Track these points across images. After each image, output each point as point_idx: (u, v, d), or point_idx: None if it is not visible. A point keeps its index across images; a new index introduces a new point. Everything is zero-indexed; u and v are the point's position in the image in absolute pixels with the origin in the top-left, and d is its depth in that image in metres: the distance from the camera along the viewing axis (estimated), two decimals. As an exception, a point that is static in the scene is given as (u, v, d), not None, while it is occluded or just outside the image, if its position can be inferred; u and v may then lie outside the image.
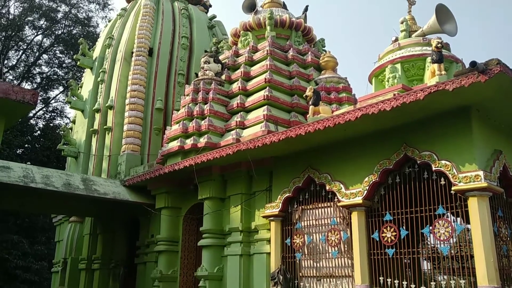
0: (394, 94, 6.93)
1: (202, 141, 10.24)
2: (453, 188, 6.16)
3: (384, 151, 7.03)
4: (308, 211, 8.06)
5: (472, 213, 5.97)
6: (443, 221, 6.35)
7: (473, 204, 5.96)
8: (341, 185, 7.42)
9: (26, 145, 23.15)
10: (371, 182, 7.03)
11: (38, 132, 24.50)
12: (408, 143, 6.74)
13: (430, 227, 6.51)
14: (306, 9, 12.98)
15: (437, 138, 6.50)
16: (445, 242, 6.35)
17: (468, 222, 6.18)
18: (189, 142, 10.47)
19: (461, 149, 6.22)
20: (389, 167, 6.91)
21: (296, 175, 8.18)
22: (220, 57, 12.19)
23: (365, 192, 7.05)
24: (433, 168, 6.38)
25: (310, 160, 8.06)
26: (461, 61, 8.83)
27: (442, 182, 6.35)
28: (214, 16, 16.99)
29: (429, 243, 7.78)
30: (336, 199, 7.58)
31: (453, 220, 6.44)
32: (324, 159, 7.89)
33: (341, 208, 7.51)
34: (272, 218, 8.41)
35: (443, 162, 6.27)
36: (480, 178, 5.88)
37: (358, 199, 7.10)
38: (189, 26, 15.60)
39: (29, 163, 22.31)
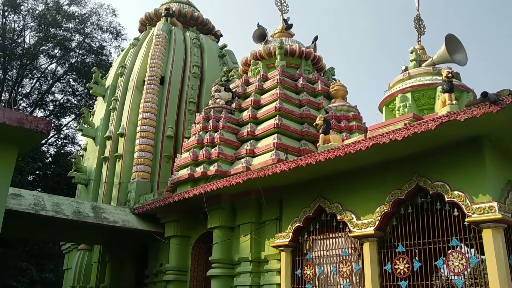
0: (405, 124, 6.93)
1: (212, 169, 10.25)
2: (466, 219, 6.06)
3: (395, 181, 6.97)
4: (319, 241, 7.95)
5: (487, 245, 5.85)
6: (457, 253, 6.22)
7: (488, 236, 5.85)
8: (353, 215, 7.33)
9: (37, 172, 23.34)
10: (383, 212, 6.94)
11: (50, 158, 24.72)
12: (420, 173, 6.68)
13: (444, 259, 6.38)
14: (315, 39, 13.14)
15: (449, 168, 6.44)
16: (459, 275, 6.21)
17: (482, 253, 6.05)
18: (199, 170, 10.48)
19: (474, 180, 6.15)
20: (401, 197, 6.83)
21: (307, 204, 8.11)
22: (231, 86, 12.32)
23: (377, 222, 6.96)
24: (446, 199, 6.30)
25: (320, 189, 8.01)
26: (472, 90, 8.82)
27: (456, 213, 6.26)
28: (225, 46, 17.25)
29: (443, 275, 7.62)
30: (347, 229, 7.48)
31: (467, 251, 6.31)
32: (335, 188, 7.83)
33: (352, 238, 7.41)
34: (282, 248, 8.30)
35: (456, 192, 6.19)
36: (494, 209, 5.79)
37: (370, 230, 7.00)
38: (200, 55, 15.83)
39: (39, 189, 22.46)
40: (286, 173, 7.75)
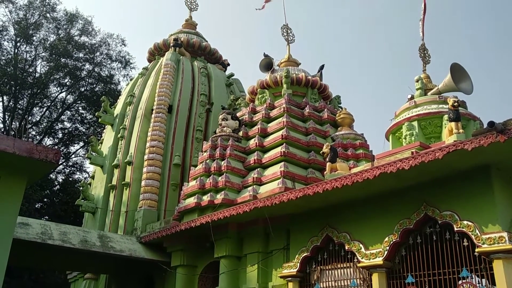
0: (412, 152, 6.93)
1: (219, 197, 10.24)
2: (476, 250, 5.97)
3: (404, 210, 6.92)
4: (327, 271, 7.85)
5: (498, 276, 5.74)
6: (468, 285, 6.10)
7: (499, 267, 5.75)
8: (361, 245, 7.26)
9: (45, 199, 23.40)
10: (392, 242, 6.87)
11: (58, 186, 24.82)
12: (428, 202, 6.63)
13: (455, 290, 6.26)
14: (321, 67, 13.28)
15: (457, 198, 6.39)
16: (471, 307, 6.08)
17: (494, 284, 5.93)
18: (206, 198, 10.47)
19: (482, 209, 6.09)
20: (410, 227, 6.76)
21: (314, 234, 8.04)
22: (238, 114, 12.42)
23: (386, 252, 6.87)
24: (455, 229, 6.23)
25: (328, 218, 7.95)
26: (479, 119, 8.82)
27: (465, 243, 6.17)
28: (232, 74, 17.48)
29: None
30: (355, 260, 7.39)
31: (478, 282, 6.20)
32: (342, 217, 7.78)
33: (361, 269, 7.31)
34: (290, 278, 8.20)
35: (465, 222, 6.12)
36: (504, 239, 5.71)
37: (379, 260, 6.91)
38: (208, 84, 16.04)
39: (47, 217, 22.46)
40: (293, 202, 7.72)
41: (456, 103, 7.24)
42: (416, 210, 6.74)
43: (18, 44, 24.60)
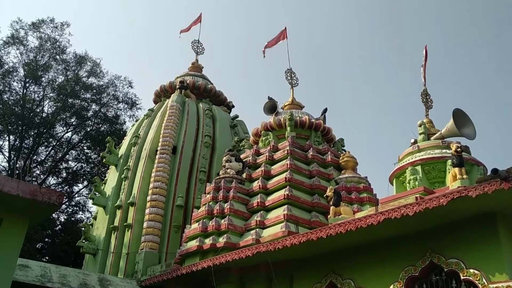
0: (416, 197, 6.89)
1: (221, 241, 10.12)
2: (484, 300, 5.83)
3: (408, 256, 6.81)
4: (331, 319, 7.64)
5: (507, 328, 5.58)
6: (477, 336, 5.92)
7: (507, 318, 5.59)
8: (365, 293, 7.10)
9: (46, 239, 23.16)
10: (397, 290, 6.72)
11: (59, 226, 24.61)
12: (434, 249, 6.54)
13: None
14: (325, 110, 13.44)
15: (463, 245, 6.30)
16: None
17: (503, 335, 5.75)
18: (208, 241, 10.35)
19: (489, 257, 5.99)
20: (415, 275, 6.64)
21: (318, 280, 7.89)
22: (241, 156, 12.46)
23: (391, 301, 6.71)
24: (462, 277, 6.11)
25: (332, 264, 7.82)
26: (482, 164, 8.81)
27: (472, 292, 6.03)
28: (236, 116, 17.67)
29: None
30: (360, 308, 7.21)
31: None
32: (346, 263, 7.65)
33: (366, 317, 7.12)
34: (293, 326, 7.98)
35: (472, 271, 6.01)
36: (512, 289, 5.58)
37: (384, 309, 6.74)
38: (212, 126, 16.18)
39: (47, 257, 22.15)
40: (296, 247, 7.62)
41: (459, 149, 7.27)
42: (422, 257, 6.63)
43: (27, 84, 25.07)
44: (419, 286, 6.69)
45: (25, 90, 24.93)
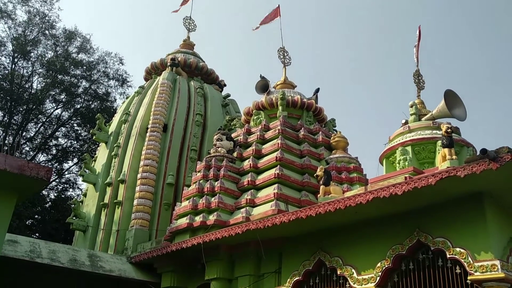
0: (406, 177, 6.93)
1: (212, 218, 10.16)
2: (469, 278, 5.92)
3: (396, 235, 6.88)
4: (319, 296, 7.74)
5: (491, 305, 5.69)
6: (461, 313, 6.03)
7: (491, 296, 5.70)
8: (353, 270, 7.19)
9: (36, 216, 23.12)
10: (384, 268, 6.81)
11: (49, 203, 24.56)
12: (421, 228, 6.60)
13: (447, 319, 6.18)
14: (317, 90, 13.38)
15: (450, 224, 6.37)
16: (464, 335, 6.00)
17: (487, 312, 5.87)
18: (198, 219, 10.38)
19: (475, 237, 6.06)
20: (402, 253, 6.72)
21: (307, 258, 7.97)
22: (233, 135, 12.42)
23: (378, 278, 6.81)
24: (448, 256, 6.19)
25: (321, 242, 7.89)
26: (472, 145, 8.87)
27: (458, 271, 6.13)
28: (228, 95, 17.56)
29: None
30: (347, 285, 7.30)
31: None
32: (335, 241, 7.72)
33: (353, 294, 7.22)
34: (281, 302, 8.08)
35: (458, 249, 6.09)
36: (497, 268, 5.67)
37: (371, 286, 6.84)
38: (204, 104, 16.07)
39: (37, 234, 22.15)
40: (286, 224, 7.67)
41: (449, 129, 7.29)
42: (409, 235, 6.70)
43: (16, 60, 24.66)
44: (406, 264, 6.78)
45: (13, 65, 24.53)
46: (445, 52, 40.18)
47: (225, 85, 18.32)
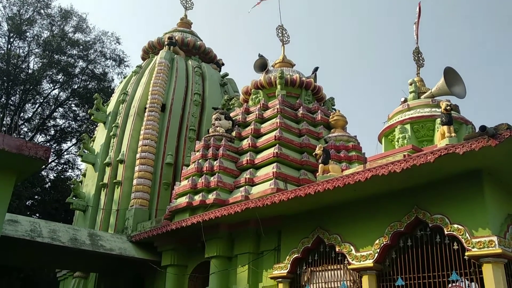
0: (404, 155, 6.93)
1: (211, 197, 10.20)
2: (466, 254, 5.98)
3: (395, 213, 6.91)
4: (317, 273, 7.83)
5: (487, 281, 5.76)
6: (457, 288, 6.11)
7: (488, 271, 5.76)
8: (351, 247, 7.25)
9: (36, 196, 23.21)
10: (382, 244, 6.86)
11: (49, 184, 24.62)
12: (420, 205, 6.64)
13: (444, 294, 6.27)
14: (316, 69, 13.29)
15: (448, 201, 6.40)
16: (460, 310, 6.09)
17: (483, 287, 5.95)
18: (197, 198, 10.42)
19: (473, 213, 6.10)
20: (400, 230, 6.77)
21: (305, 235, 8.02)
22: (231, 114, 12.38)
23: (376, 255, 6.87)
24: (446, 232, 6.24)
25: (319, 220, 7.94)
26: (471, 123, 8.84)
27: (455, 247, 6.18)
28: (226, 74, 17.44)
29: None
30: (346, 262, 7.38)
31: (468, 285, 6.22)
32: (334, 219, 7.77)
33: (351, 271, 7.30)
34: (280, 279, 8.17)
35: (456, 226, 6.13)
36: (494, 243, 5.72)
37: (369, 262, 6.91)
38: (202, 84, 15.98)
39: (37, 215, 22.27)
40: (284, 203, 7.70)
41: (448, 107, 7.25)
42: (407, 213, 6.74)
43: (11, 40, 24.39)
44: (404, 241, 6.84)
45: (9, 45, 24.28)
46: (446, 28, 39.83)
47: (223, 64, 18.19)
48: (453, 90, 8.91)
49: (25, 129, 24.94)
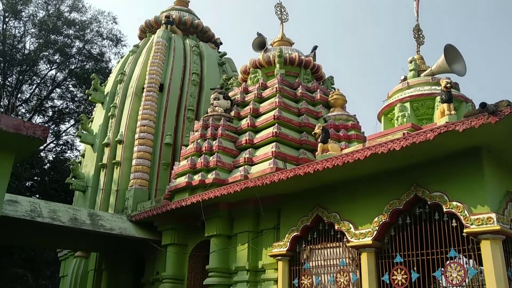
0: (404, 133, 6.90)
1: (210, 177, 10.21)
2: (465, 231, 6.02)
3: (394, 191, 6.93)
4: (317, 251, 7.90)
5: (485, 257, 5.81)
6: (455, 264, 6.17)
7: (486, 248, 5.81)
8: (350, 225, 7.29)
9: (35, 178, 23.26)
10: (381, 222, 6.90)
11: (48, 165, 24.65)
12: (419, 183, 6.65)
13: (442, 270, 6.33)
14: (315, 48, 13.16)
15: (448, 179, 6.41)
16: (458, 286, 6.15)
17: (481, 264, 6.01)
18: (197, 178, 10.44)
19: (472, 190, 6.11)
20: (399, 208, 6.79)
21: (305, 214, 8.06)
22: (230, 94, 12.31)
23: (375, 232, 6.91)
24: (444, 209, 6.26)
25: (318, 198, 7.97)
26: (471, 100, 8.80)
27: (454, 224, 6.21)
28: (225, 53, 17.28)
29: (441, 286, 7.57)
30: (345, 239, 7.43)
31: (466, 262, 6.27)
32: (333, 197, 7.79)
33: (350, 248, 7.36)
34: (279, 257, 8.25)
35: (454, 203, 6.15)
36: (492, 220, 5.75)
37: (368, 240, 6.96)
38: (200, 63, 15.85)
39: (37, 195, 22.35)
40: (284, 182, 7.71)
41: (448, 85, 7.20)
42: (406, 191, 6.75)
43: (7, 19, 24.09)
44: (403, 219, 6.87)
45: (4, 25, 24.00)
46: (447, 5, 39.41)
47: (221, 43, 18.02)
48: (453, 68, 8.84)
49: (23, 110, 24.86)
